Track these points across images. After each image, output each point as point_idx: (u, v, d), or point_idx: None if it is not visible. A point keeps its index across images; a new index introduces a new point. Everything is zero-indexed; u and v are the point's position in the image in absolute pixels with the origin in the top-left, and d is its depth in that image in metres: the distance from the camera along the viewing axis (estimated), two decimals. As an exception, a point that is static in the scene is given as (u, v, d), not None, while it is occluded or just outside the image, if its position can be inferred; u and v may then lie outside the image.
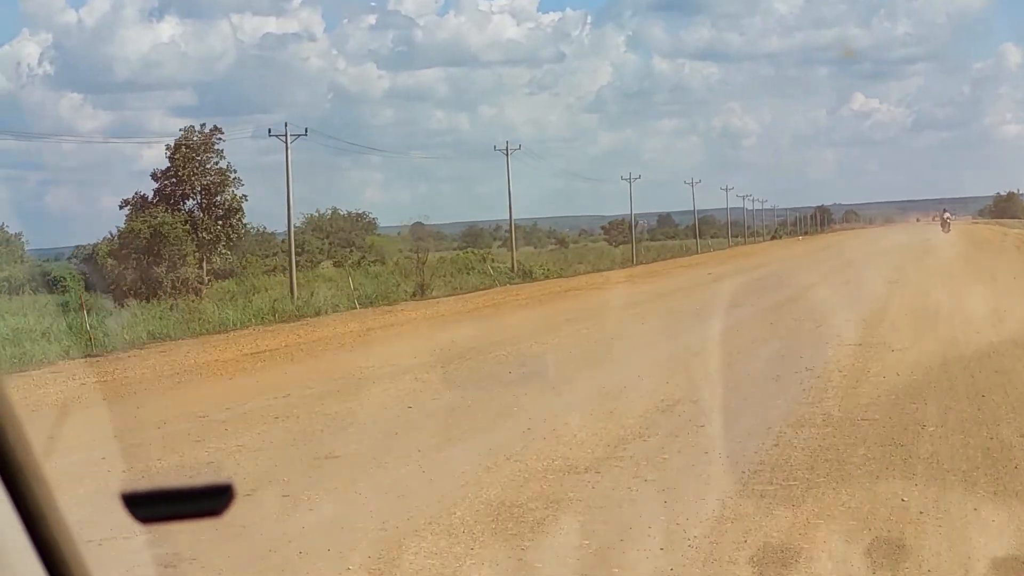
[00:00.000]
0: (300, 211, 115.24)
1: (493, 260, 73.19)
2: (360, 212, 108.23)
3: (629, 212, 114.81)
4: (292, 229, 49.98)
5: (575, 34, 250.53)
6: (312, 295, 45.78)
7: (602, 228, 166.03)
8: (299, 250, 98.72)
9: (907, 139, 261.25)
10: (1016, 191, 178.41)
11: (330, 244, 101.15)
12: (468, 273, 66.88)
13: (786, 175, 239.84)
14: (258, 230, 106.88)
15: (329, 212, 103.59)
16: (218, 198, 52.53)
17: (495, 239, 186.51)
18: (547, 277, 67.48)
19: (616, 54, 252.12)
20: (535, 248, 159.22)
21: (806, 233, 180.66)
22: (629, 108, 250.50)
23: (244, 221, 53.16)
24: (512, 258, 72.73)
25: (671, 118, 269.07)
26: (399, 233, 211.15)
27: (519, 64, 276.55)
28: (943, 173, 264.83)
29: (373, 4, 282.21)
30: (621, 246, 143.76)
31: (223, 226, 52.64)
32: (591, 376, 20.52)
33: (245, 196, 53.20)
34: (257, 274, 66.29)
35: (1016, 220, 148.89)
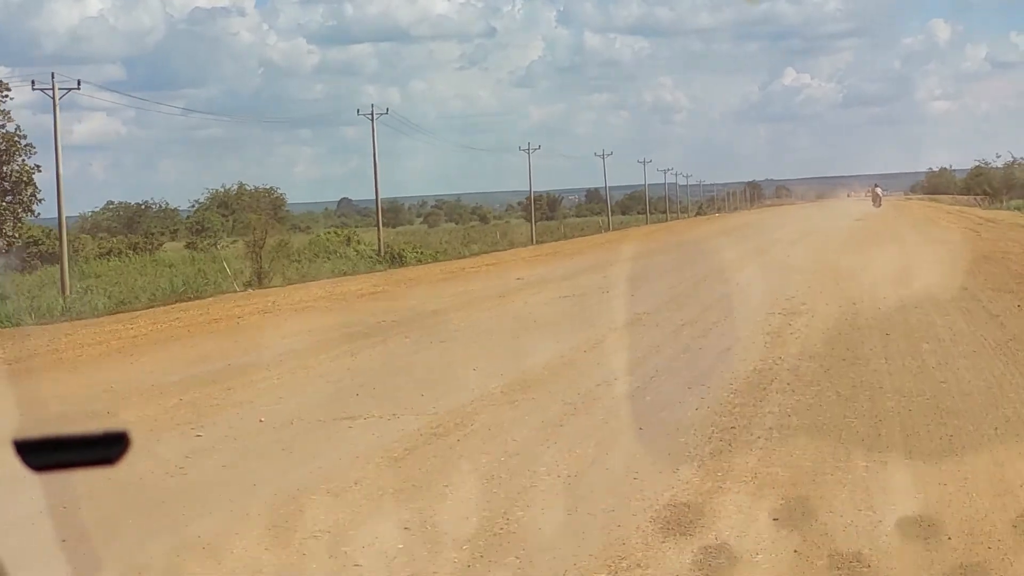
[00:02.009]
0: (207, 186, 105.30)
1: (359, 242, 62.75)
2: (268, 187, 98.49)
3: (551, 188, 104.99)
4: (62, 206, 39.41)
5: (506, 9, 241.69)
6: (87, 292, 35.68)
7: (519, 204, 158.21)
8: (198, 228, 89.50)
9: (838, 115, 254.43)
10: (948, 167, 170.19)
11: (234, 222, 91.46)
12: (329, 258, 57.03)
13: (718, 150, 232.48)
14: (159, 205, 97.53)
15: (235, 187, 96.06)
16: (3, 168, 41.95)
17: (418, 215, 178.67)
18: (420, 261, 57.62)
19: (547, 29, 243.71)
20: (456, 224, 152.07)
21: (719, 211, 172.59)
22: (560, 83, 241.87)
23: (39, 196, 42.55)
24: (379, 240, 62.26)
25: (602, 92, 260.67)
26: (326, 210, 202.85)
27: (450, 39, 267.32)
28: (874, 149, 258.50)
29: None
30: (541, 223, 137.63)
31: (10, 203, 42.12)
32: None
33: (39, 166, 42.74)
34: (89, 258, 56.00)
35: (949, 196, 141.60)
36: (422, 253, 62.32)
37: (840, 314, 22.38)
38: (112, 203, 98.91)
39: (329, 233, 63.53)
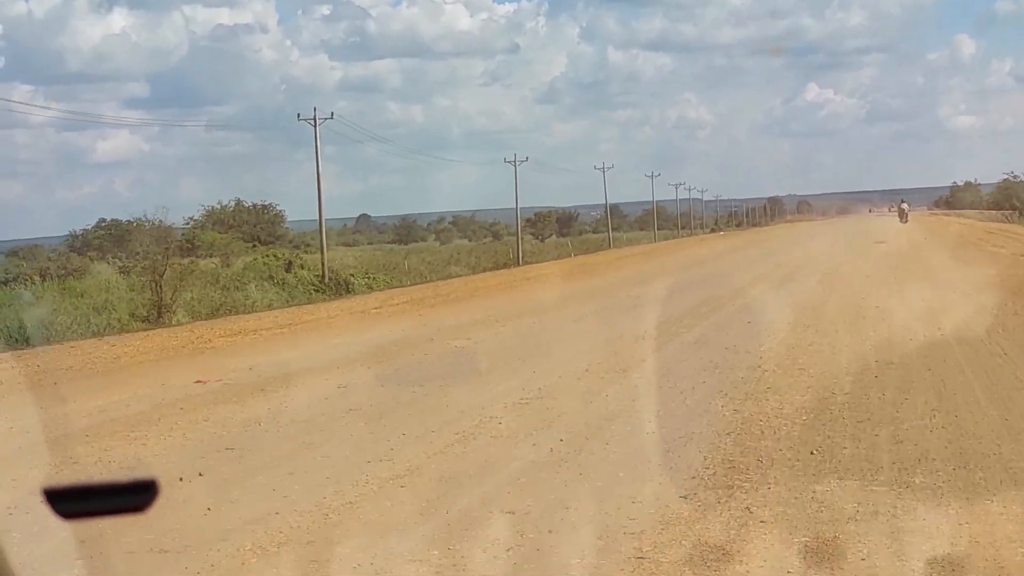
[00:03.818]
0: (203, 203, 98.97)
1: (302, 267, 51.69)
2: (266, 204, 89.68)
3: (573, 203, 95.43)
4: None
5: (529, 25, 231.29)
6: None
7: (527, 220, 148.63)
8: (190, 245, 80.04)
9: (861, 130, 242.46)
10: (973, 181, 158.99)
11: (231, 239, 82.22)
12: (268, 282, 46.62)
13: (741, 166, 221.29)
14: (153, 223, 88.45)
15: (232, 204, 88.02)
16: None
17: (433, 232, 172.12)
18: (371, 288, 48.00)
19: (570, 45, 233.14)
20: (470, 241, 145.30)
21: (739, 225, 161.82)
22: (583, 99, 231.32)
23: None
24: (323, 265, 51.28)
25: (625, 109, 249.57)
26: (344, 226, 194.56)
27: (473, 55, 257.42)
28: (897, 164, 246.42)
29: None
30: (550, 239, 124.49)
31: None
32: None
33: None
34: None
35: (976, 211, 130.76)
36: (373, 279, 51.83)
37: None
38: (104, 220, 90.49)
39: (268, 257, 52.63)
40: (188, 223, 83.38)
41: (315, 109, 52.34)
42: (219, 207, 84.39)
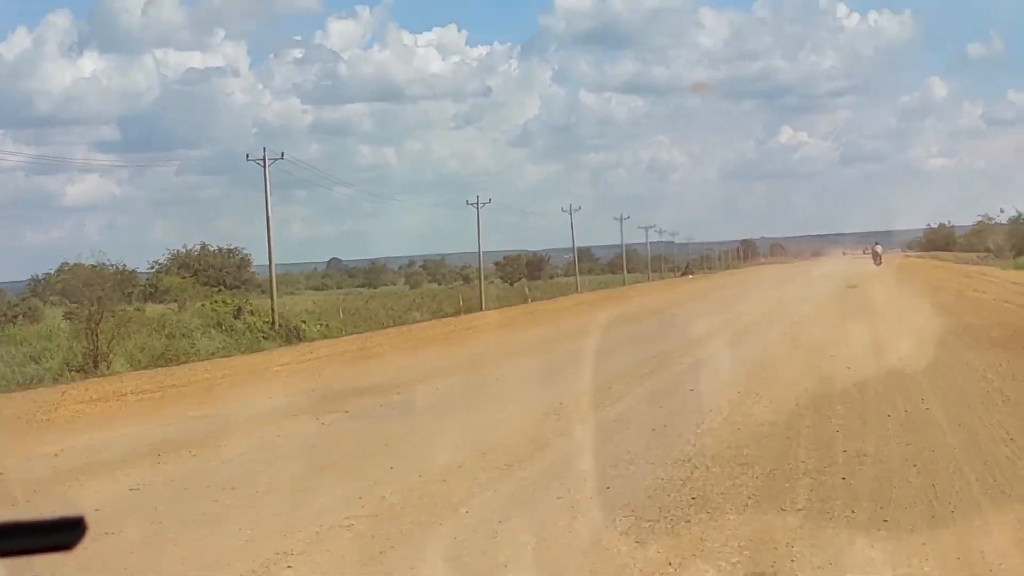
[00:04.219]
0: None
1: (251, 313, 47.39)
2: (231, 247, 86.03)
3: (545, 246, 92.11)
4: None
5: (502, 68, 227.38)
6: None
7: (496, 264, 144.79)
8: (152, 290, 75.94)
9: (835, 172, 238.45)
10: (947, 223, 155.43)
11: (190, 284, 78.43)
12: (216, 329, 42.66)
13: (714, 208, 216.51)
14: (115, 267, 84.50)
15: (197, 248, 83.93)
16: None
17: (403, 276, 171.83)
18: (325, 335, 45.86)
19: (543, 88, 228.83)
20: (440, 284, 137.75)
21: (711, 268, 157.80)
22: (556, 142, 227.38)
23: None
24: (272, 311, 47.07)
25: (598, 152, 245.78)
26: (315, 269, 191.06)
27: (445, 98, 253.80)
28: (871, 206, 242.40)
29: (298, 38, 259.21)
30: (520, 283, 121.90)
31: None
32: None
33: None
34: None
35: (950, 253, 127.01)
36: (327, 326, 48.21)
37: None
38: (67, 264, 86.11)
39: (216, 303, 48.24)
40: (152, 267, 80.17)
41: (264, 150, 49.40)
42: (184, 251, 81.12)
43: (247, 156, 49.86)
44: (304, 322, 48.03)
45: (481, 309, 64.90)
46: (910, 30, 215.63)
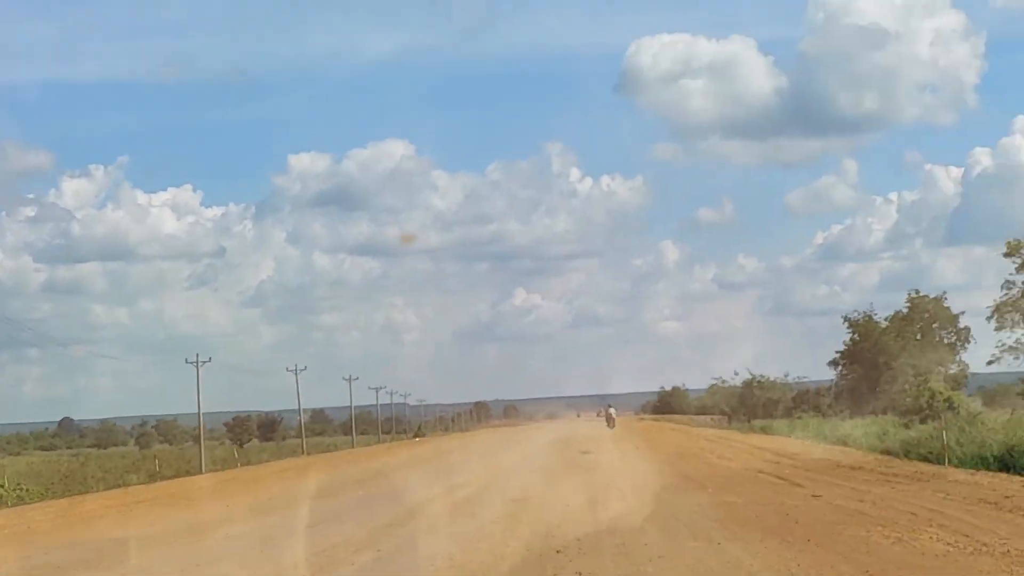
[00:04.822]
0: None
1: None
2: None
3: (281, 407, 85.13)
4: None
5: (236, 229, 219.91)
6: None
7: (225, 425, 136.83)
8: None
9: (569, 335, 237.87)
10: (681, 386, 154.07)
11: None
12: None
13: (448, 370, 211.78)
14: None
15: None
16: None
17: (134, 436, 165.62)
18: (23, 500, 40.70)
19: (277, 249, 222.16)
20: (171, 445, 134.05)
21: (446, 430, 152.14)
22: (290, 303, 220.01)
23: None
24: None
25: (331, 313, 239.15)
26: (46, 429, 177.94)
27: (179, 259, 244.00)
28: (605, 369, 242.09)
29: (31, 196, 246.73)
30: (251, 444, 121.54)
31: None
32: None
33: None
34: None
35: (684, 416, 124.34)
36: (26, 491, 42.98)
37: None
38: None
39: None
40: None
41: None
42: None
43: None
44: (2, 487, 43.04)
45: (201, 471, 61.10)
46: (642, 195, 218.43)
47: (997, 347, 57.44)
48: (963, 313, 78.17)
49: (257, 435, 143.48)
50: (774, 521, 18.97)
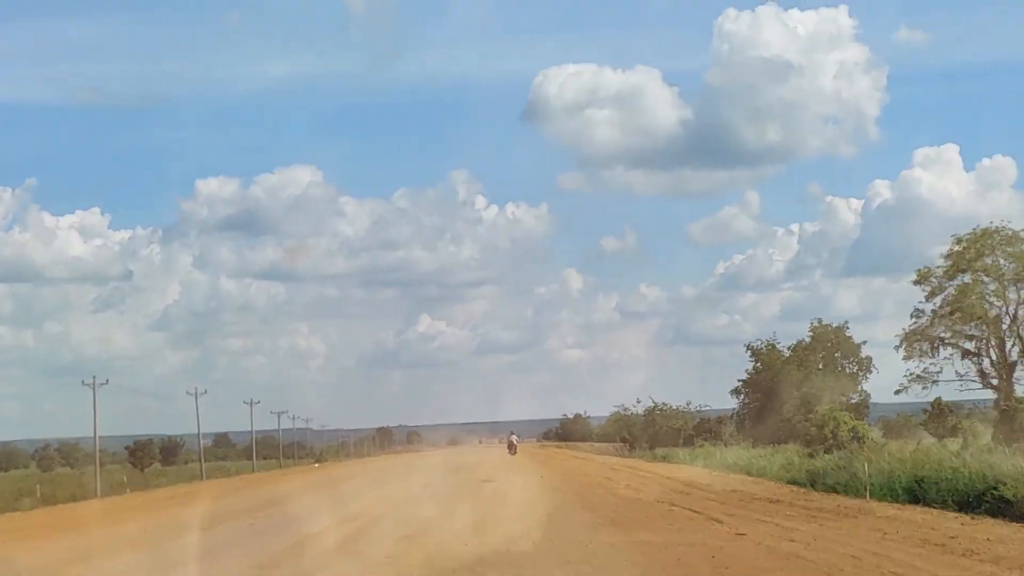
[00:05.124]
0: None
1: None
2: None
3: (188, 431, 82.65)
4: None
5: (143, 252, 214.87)
6: None
7: (126, 448, 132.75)
8: None
9: (472, 361, 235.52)
10: (583, 413, 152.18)
11: None
12: None
13: (351, 396, 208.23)
14: None
15: None
16: None
17: (36, 459, 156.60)
18: None
19: (183, 273, 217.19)
20: (72, 468, 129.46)
21: (348, 455, 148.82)
22: (195, 327, 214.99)
23: None
24: None
25: (237, 337, 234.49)
26: None
27: (86, 281, 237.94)
28: (508, 396, 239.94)
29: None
30: (152, 468, 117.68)
31: None
32: None
33: None
34: None
35: (586, 444, 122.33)
36: None
37: None
38: None
39: None
40: None
41: None
42: None
43: None
44: None
45: (97, 495, 59.36)
46: (547, 224, 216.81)
47: (906, 376, 55.95)
48: (865, 343, 77.00)
49: (159, 459, 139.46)
50: (701, 567, 16.62)
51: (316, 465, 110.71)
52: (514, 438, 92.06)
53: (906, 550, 17.67)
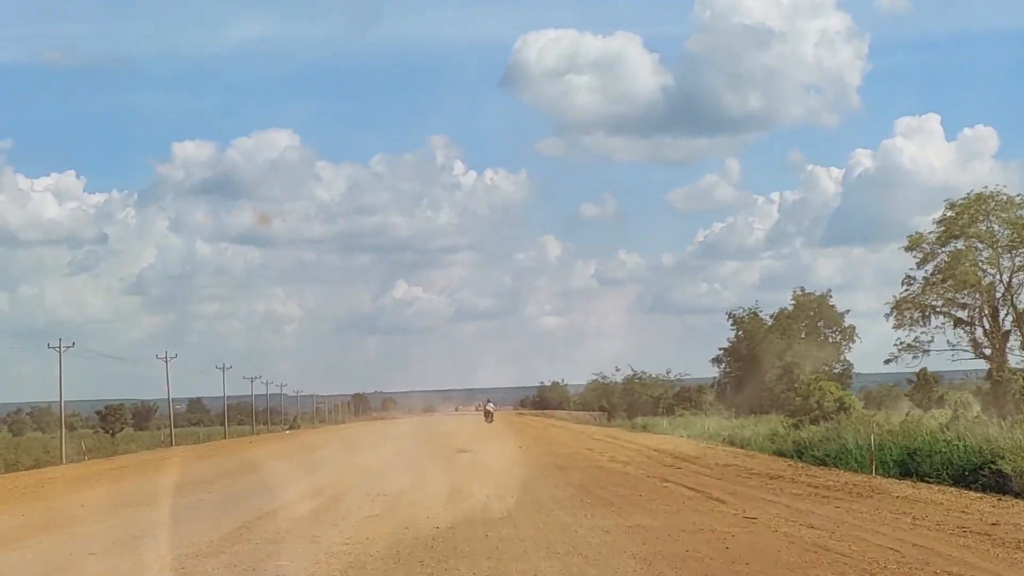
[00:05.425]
0: None
1: None
2: None
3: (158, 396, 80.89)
4: None
5: (119, 215, 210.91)
6: None
7: (97, 413, 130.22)
8: None
9: (449, 328, 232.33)
10: (560, 381, 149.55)
11: None
12: None
13: (327, 361, 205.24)
14: None
15: None
16: None
17: (7, 424, 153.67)
18: None
19: (159, 236, 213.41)
20: (43, 433, 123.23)
21: (322, 421, 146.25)
22: (171, 291, 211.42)
23: None
24: None
25: (212, 302, 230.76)
26: None
27: (60, 244, 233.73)
28: (485, 362, 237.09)
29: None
30: (124, 432, 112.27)
31: None
32: None
33: None
34: None
35: (564, 412, 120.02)
36: None
37: None
38: None
39: None
40: None
41: None
42: None
43: None
44: None
45: (62, 462, 57.55)
46: (526, 190, 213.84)
47: (896, 345, 53.48)
48: (848, 312, 74.72)
49: (131, 423, 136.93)
50: (714, 561, 14.05)
51: (288, 432, 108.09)
52: (491, 406, 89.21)
53: (948, 540, 15.15)
